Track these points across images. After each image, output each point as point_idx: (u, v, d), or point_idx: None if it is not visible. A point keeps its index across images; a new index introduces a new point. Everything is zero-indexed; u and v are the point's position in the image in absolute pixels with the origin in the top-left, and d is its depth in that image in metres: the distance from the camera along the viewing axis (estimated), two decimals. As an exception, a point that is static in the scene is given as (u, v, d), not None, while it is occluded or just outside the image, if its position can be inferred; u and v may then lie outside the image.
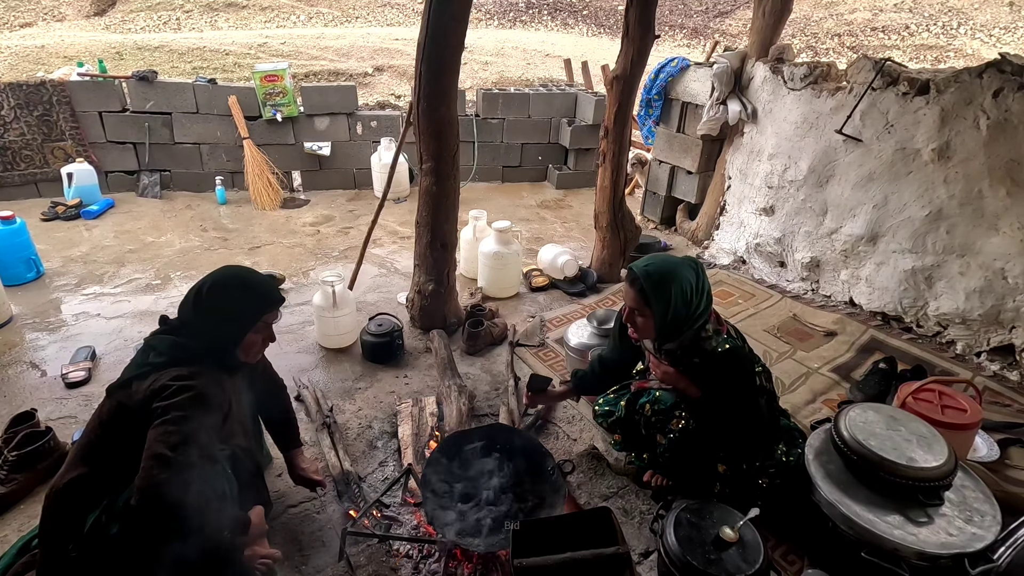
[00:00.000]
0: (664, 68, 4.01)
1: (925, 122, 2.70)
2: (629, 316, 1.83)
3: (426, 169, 2.66)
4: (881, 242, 2.97)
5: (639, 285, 1.74)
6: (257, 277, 1.61)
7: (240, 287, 1.54)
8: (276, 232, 4.26)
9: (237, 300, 1.52)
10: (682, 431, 1.83)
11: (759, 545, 1.60)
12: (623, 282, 1.82)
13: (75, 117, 4.32)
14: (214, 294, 1.50)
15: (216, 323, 1.48)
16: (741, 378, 1.77)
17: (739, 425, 1.80)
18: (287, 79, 4.63)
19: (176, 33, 10.28)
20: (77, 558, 1.31)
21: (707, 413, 1.81)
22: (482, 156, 5.39)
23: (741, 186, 3.76)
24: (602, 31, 14.72)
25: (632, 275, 1.77)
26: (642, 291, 1.73)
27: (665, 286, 1.70)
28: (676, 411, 1.84)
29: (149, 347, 1.47)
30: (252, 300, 1.55)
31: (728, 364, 1.75)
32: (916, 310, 2.92)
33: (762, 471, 1.93)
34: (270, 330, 1.62)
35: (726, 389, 1.76)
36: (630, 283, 1.78)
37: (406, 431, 2.31)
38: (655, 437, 1.91)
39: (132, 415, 1.35)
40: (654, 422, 1.89)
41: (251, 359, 1.62)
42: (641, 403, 1.95)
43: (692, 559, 1.55)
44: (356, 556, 1.78)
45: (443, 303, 2.98)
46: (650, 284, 1.71)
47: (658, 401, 1.89)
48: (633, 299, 1.77)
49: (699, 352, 1.77)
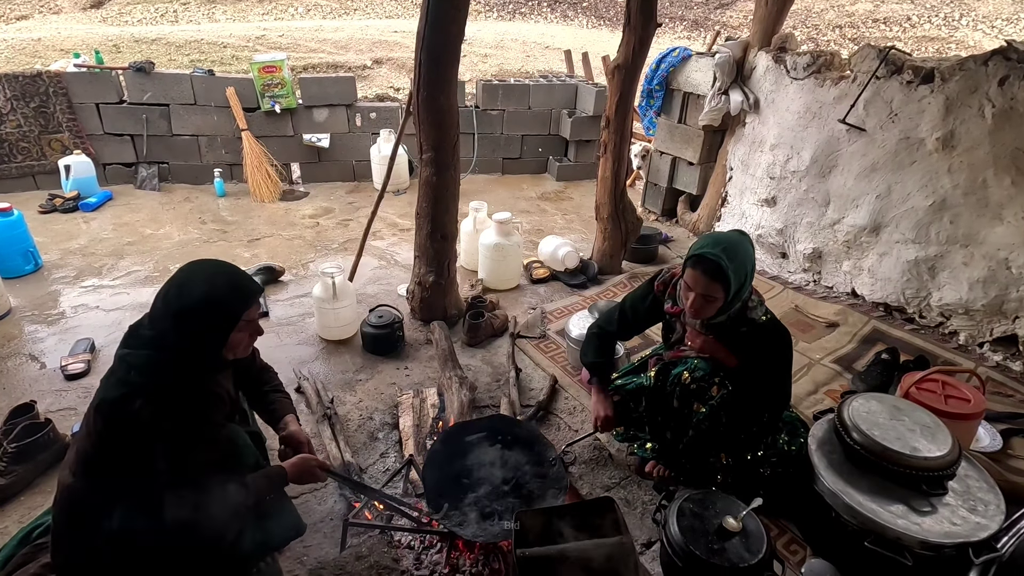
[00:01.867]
0: (665, 58, 3.98)
1: (929, 111, 2.68)
2: (696, 301, 1.74)
3: (426, 159, 2.64)
4: (884, 232, 2.95)
5: (714, 268, 1.67)
6: (227, 270, 1.40)
7: (209, 286, 1.34)
8: (275, 224, 4.24)
9: (209, 301, 1.33)
10: (723, 398, 1.84)
11: (762, 535, 1.59)
12: (687, 269, 1.74)
13: (72, 109, 4.28)
14: (183, 298, 1.31)
15: (191, 330, 1.31)
16: (782, 348, 1.80)
17: (772, 395, 1.83)
18: (285, 70, 4.59)
19: (173, 26, 10.21)
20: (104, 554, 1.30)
21: (744, 381, 1.83)
22: (482, 148, 5.37)
23: (743, 177, 3.74)
24: (602, 23, 14.62)
25: (705, 261, 1.68)
26: (716, 275, 1.67)
27: (741, 266, 1.68)
28: (715, 378, 1.86)
29: (127, 364, 1.32)
30: (226, 299, 1.35)
31: (773, 334, 1.78)
32: (919, 301, 2.90)
33: (764, 461, 1.93)
34: (255, 324, 1.45)
35: (766, 358, 1.78)
36: (703, 270, 1.69)
37: (407, 422, 2.30)
38: (690, 407, 1.90)
39: (125, 441, 1.27)
40: (694, 390, 1.89)
41: (241, 355, 1.47)
42: (677, 372, 1.94)
43: (695, 549, 1.54)
44: (358, 547, 1.77)
45: (444, 295, 2.96)
46: (733, 266, 1.66)
47: (697, 368, 1.89)
48: (705, 284, 1.69)
49: (746, 322, 1.79)
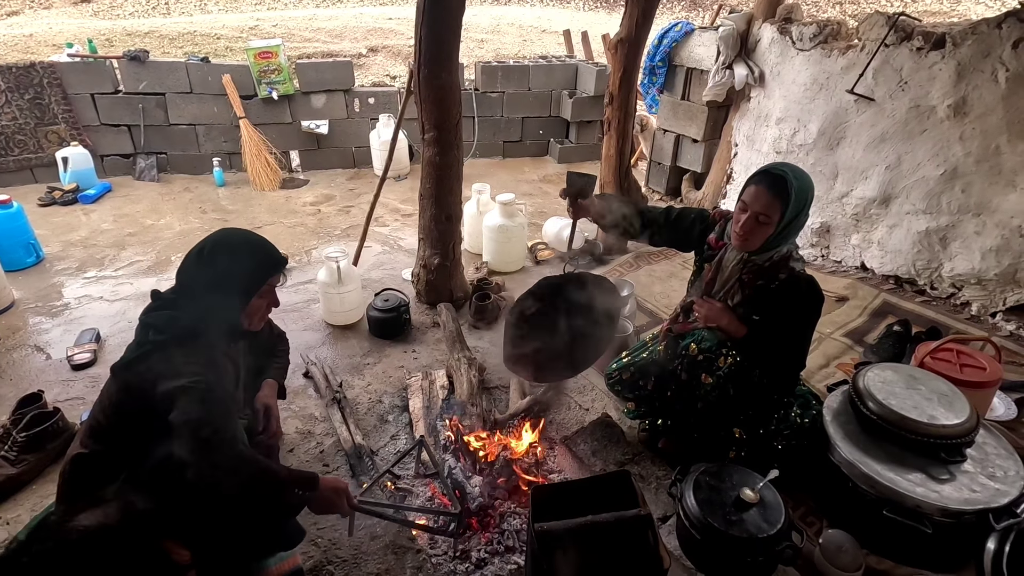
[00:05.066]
0: (668, 33, 3.91)
1: (940, 77, 2.62)
2: (748, 223, 1.70)
3: (428, 139, 2.60)
4: (894, 204, 2.91)
5: (779, 183, 1.64)
6: (259, 237, 1.51)
7: (244, 247, 1.45)
8: (276, 212, 4.20)
9: (241, 261, 1.42)
10: (730, 368, 1.81)
11: (780, 505, 1.58)
12: (747, 187, 1.70)
13: (67, 99, 4.23)
14: (217, 255, 1.40)
15: (218, 288, 1.38)
16: (814, 305, 1.75)
17: (788, 358, 1.80)
18: (282, 56, 4.53)
19: (165, 18, 10.08)
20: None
21: (755, 349, 1.79)
22: (482, 131, 5.31)
23: (748, 153, 3.69)
24: (599, 5, 14.41)
25: (772, 174, 1.66)
26: (780, 190, 1.63)
27: (803, 191, 1.64)
28: (723, 349, 1.83)
29: (147, 326, 1.37)
30: (257, 261, 1.46)
31: (809, 289, 1.74)
32: (930, 272, 2.87)
33: (778, 434, 1.91)
34: (274, 294, 1.54)
35: (794, 314, 1.74)
36: (767, 184, 1.66)
37: (417, 404, 2.29)
38: (698, 379, 1.88)
39: (141, 397, 1.29)
40: (700, 360, 1.86)
41: (255, 326, 1.54)
42: (685, 343, 1.92)
43: (713, 521, 1.53)
44: (371, 527, 1.77)
45: (449, 277, 2.93)
46: (798, 184, 1.63)
47: (705, 340, 1.87)
48: (765, 201, 1.65)
49: (786, 268, 1.74)
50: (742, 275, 1.81)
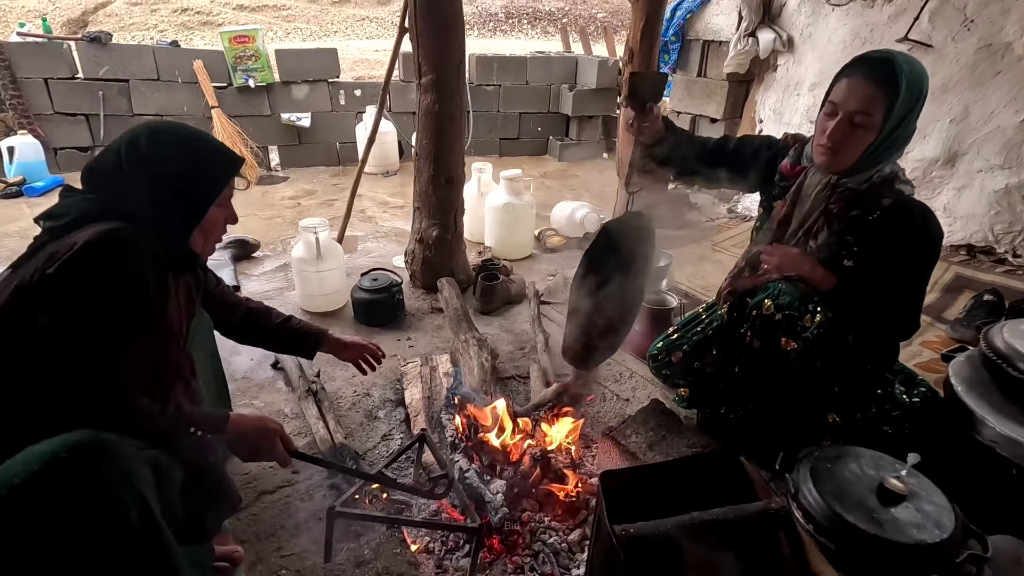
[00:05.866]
0: (682, 4, 3.61)
1: (1017, 8, 2.30)
2: (839, 127, 1.28)
3: (426, 84, 2.19)
4: (962, 162, 2.55)
5: (884, 69, 1.23)
6: (203, 134, 1.11)
7: (193, 139, 1.06)
8: (251, 206, 3.75)
9: (197, 154, 1.05)
10: (820, 328, 1.35)
11: (942, 499, 1.12)
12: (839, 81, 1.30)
13: (16, 84, 3.78)
14: (161, 145, 1.01)
15: (164, 190, 1.00)
16: (933, 240, 1.30)
17: (894, 318, 1.34)
18: (259, 41, 4.16)
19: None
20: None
21: (850, 304, 1.34)
22: (477, 127, 4.93)
23: (776, 128, 3.35)
24: (593, 40, 14.58)
25: (871, 60, 1.26)
26: (886, 78, 1.22)
27: (916, 80, 1.22)
28: (808, 304, 1.37)
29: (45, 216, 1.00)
30: (217, 152, 1.09)
31: (924, 218, 1.29)
32: (1012, 236, 2.49)
33: (884, 417, 1.47)
34: (231, 206, 1.17)
35: (905, 256, 1.29)
36: (866, 72, 1.25)
37: (415, 395, 1.81)
38: (776, 346, 1.43)
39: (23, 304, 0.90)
40: (779, 321, 1.41)
41: (208, 250, 1.15)
42: (756, 301, 1.47)
43: (854, 520, 1.06)
44: (359, 549, 1.27)
45: (450, 255, 2.49)
46: (908, 68, 1.21)
47: (783, 294, 1.41)
48: (865, 94, 1.24)
49: (892, 191, 1.30)
50: (829, 204, 1.37)
